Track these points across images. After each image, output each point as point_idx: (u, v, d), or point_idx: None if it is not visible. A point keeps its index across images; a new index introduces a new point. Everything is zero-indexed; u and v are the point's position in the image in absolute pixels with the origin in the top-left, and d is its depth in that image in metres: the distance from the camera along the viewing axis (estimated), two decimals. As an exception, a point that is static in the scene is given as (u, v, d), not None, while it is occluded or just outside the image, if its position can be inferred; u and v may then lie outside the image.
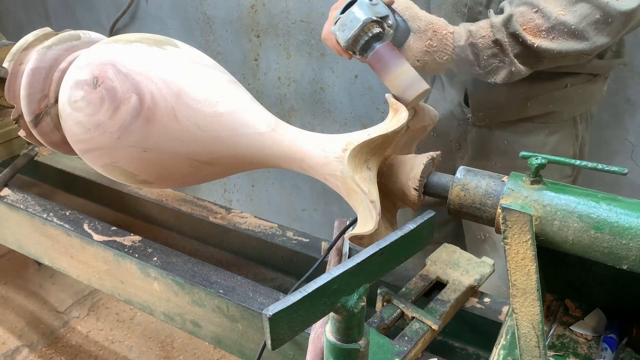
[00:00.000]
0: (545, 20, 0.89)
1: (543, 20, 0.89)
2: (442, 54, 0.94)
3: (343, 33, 0.87)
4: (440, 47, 0.93)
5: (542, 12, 0.89)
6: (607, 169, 0.62)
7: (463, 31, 0.94)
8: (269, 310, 0.48)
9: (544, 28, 0.89)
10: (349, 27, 0.85)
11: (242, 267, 1.26)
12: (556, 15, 0.88)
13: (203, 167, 0.89)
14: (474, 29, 0.94)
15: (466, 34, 0.94)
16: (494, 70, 0.94)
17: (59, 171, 1.52)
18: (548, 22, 0.89)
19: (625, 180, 1.44)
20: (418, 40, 0.92)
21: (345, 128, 1.92)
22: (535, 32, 0.90)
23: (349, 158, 0.74)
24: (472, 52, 0.93)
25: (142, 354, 2.01)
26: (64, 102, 0.90)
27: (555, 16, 0.88)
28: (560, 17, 0.88)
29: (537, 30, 0.90)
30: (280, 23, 1.86)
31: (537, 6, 0.89)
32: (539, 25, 0.89)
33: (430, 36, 0.92)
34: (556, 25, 0.89)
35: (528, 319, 0.61)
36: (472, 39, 0.93)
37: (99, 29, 1.21)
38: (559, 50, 0.90)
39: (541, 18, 0.89)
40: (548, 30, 0.89)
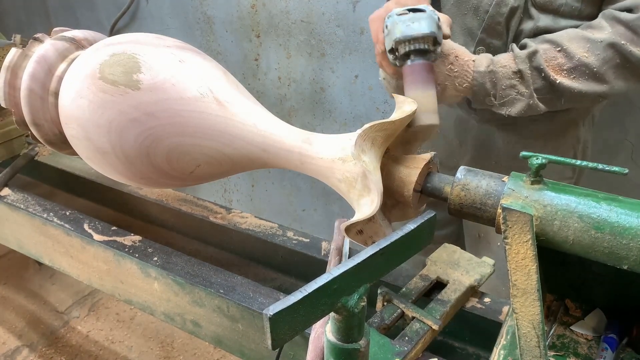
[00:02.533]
0: (568, 60, 0.91)
1: (566, 59, 0.91)
2: (462, 80, 0.95)
3: (406, 27, 0.87)
4: (460, 72, 0.95)
5: (565, 52, 0.91)
6: (607, 169, 0.62)
7: (484, 59, 0.95)
8: (269, 310, 0.48)
9: (566, 67, 0.91)
10: (414, 28, 0.86)
11: (242, 267, 1.26)
12: (580, 57, 0.90)
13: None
14: (495, 59, 0.95)
15: (487, 61, 0.95)
16: (510, 102, 0.95)
17: (59, 171, 1.52)
18: (571, 62, 0.90)
19: (625, 180, 1.44)
20: (440, 64, 0.94)
21: (345, 128, 1.92)
22: (557, 70, 0.92)
23: (357, 139, 0.73)
24: (490, 80, 0.94)
25: (142, 354, 2.01)
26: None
27: (579, 57, 0.90)
28: (583, 59, 0.90)
29: (559, 69, 0.91)
30: (280, 23, 1.86)
31: (561, 45, 0.91)
32: (562, 65, 0.91)
33: (452, 60, 0.94)
34: (578, 66, 0.90)
35: (528, 319, 0.61)
36: (492, 66, 0.94)
37: (99, 29, 1.21)
38: (579, 90, 0.91)
39: (564, 57, 0.91)
40: (570, 70, 0.91)
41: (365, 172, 0.74)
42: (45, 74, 1.00)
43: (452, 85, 0.95)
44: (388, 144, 0.80)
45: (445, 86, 0.95)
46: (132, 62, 0.87)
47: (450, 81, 0.95)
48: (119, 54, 0.89)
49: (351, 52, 1.77)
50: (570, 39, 0.92)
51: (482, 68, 0.94)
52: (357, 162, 0.72)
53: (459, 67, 0.95)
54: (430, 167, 0.81)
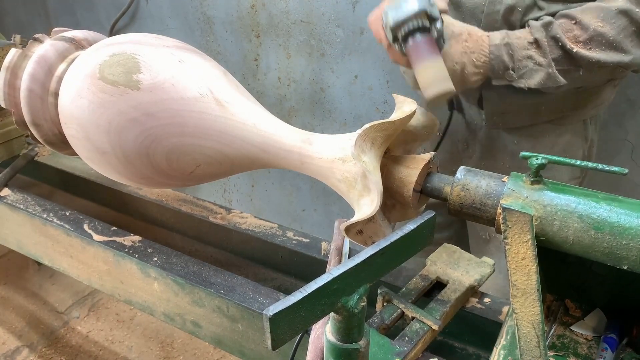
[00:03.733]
0: (583, 31, 0.90)
1: (581, 31, 0.90)
2: (479, 54, 0.95)
3: (396, 12, 0.89)
4: (476, 47, 0.95)
5: (580, 23, 0.90)
6: (607, 169, 0.62)
7: (498, 33, 0.95)
8: (269, 310, 0.48)
9: (582, 39, 0.91)
10: (403, 10, 0.88)
11: (242, 267, 1.26)
12: (594, 27, 0.89)
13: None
14: (510, 32, 0.95)
15: (502, 34, 0.95)
16: (528, 73, 0.94)
17: (59, 171, 1.52)
18: (586, 33, 0.90)
19: (625, 180, 1.44)
20: (455, 43, 0.94)
21: (345, 128, 1.92)
22: (574, 42, 0.91)
23: (357, 139, 0.73)
24: (507, 52, 0.94)
25: (142, 354, 2.01)
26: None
27: (594, 27, 0.89)
28: (598, 29, 0.89)
29: (575, 41, 0.91)
30: (280, 23, 1.86)
31: (575, 18, 0.91)
32: (578, 37, 0.91)
33: (466, 38, 0.95)
34: (594, 36, 0.90)
35: (528, 319, 0.61)
36: (507, 39, 0.94)
37: (98, 29, 1.21)
38: (597, 59, 0.91)
39: (580, 29, 0.90)
40: (586, 42, 0.90)
41: (365, 172, 0.74)
42: (45, 74, 1.00)
43: (469, 62, 0.95)
44: (388, 144, 0.80)
45: (464, 64, 0.95)
46: (131, 62, 0.87)
47: (467, 58, 0.95)
48: (118, 54, 0.89)
49: (351, 52, 1.77)
50: (584, 11, 0.91)
51: (497, 41, 0.94)
52: (357, 162, 0.72)
53: (473, 42, 0.95)
54: (430, 167, 0.81)
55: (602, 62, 0.91)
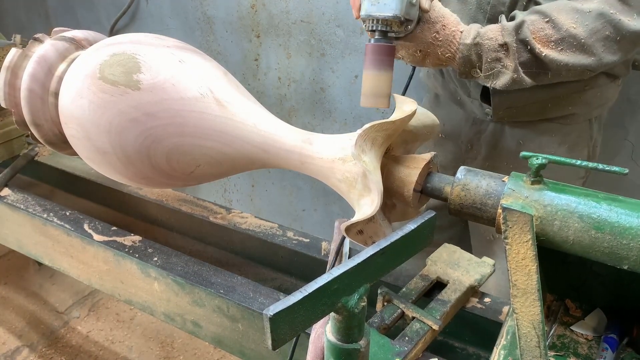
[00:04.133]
0: (555, 31, 0.89)
1: (553, 31, 0.89)
2: (445, 50, 0.94)
3: (371, 6, 0.86)
4: (445, 42, 0.93)
5: (553, 22, 0.89)
6: (607, 169, 0.62)
7: (472, 30, 0.94)
8: (269, 310, 0.48)
9: (553, 39, 0.89)
10: (379, 7, 0.85)
11: (242, 267, 1.26)
12: (567, 28, 0.88)
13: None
14: (482, 31, 0.93)
15: (474, 33, 0.93)
16: (495, 75, 0.94)
17: (59, 171, 1.52)
18: (558, 33, 0.89)
19: (625, 180, 1.44)
20: (426, 30, 0.92)
21: (345, 128, 1.92)
22: (544, 42, 0.90)
23: (357, 139, 0.73)
24: (476, 52, 0.93)
25: (142, 354, 2.01)
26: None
27: (567, 28, 0.88)
28: (571, 30, 0.88)
29: (546, 40, 0.89)
30: (280, 23, 1.86)
31: (549, 16, 0.89)
32: (549, 36, 0.89)
33: (438, 29, 0.93)
34: (566, 37, 0.88)
35: (529, 319, 0.61)
36: (479, 38, 0.92)
37: (99, 29, 1.21)
38: (565, 62, 0.89)
39: (552, 29, 0.89)
40: (557, 42, 0.89)
41: (365, 172, 0.74)
42: (45, 74, 1.00)
43: (434, 54, 0.94)
44: (388, 144, 0.80)
45: (427, 53, 0.94)
46: (132, 62, 0.87)
47: (433, 49, 0.94)
48: (119, 54, 0.89)
49: (351, 52, 1.77)
50: (559, 10, 0.90)
51: (469, 40, 0.93)
52: (357, 162, 0.72)
53: (444, 37, 0.93)
54: (430, 167, 0.81)
55: (570, 66, 0.90)
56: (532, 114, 1.13)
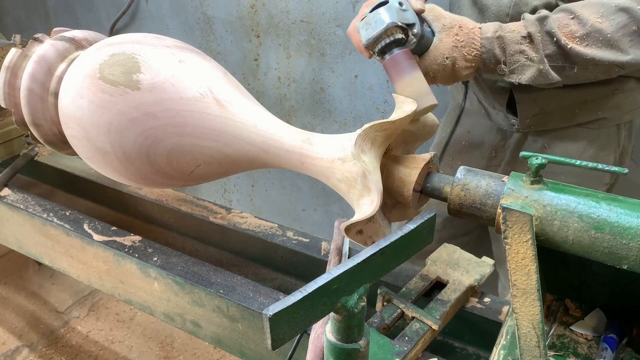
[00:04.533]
0: (580, 26, 0.87)
1: (579, 26, 0.87)
2: (470, 49, 0.92)
3: (366, 31, 0.88)
4: (467, 41, 0.92)
5: (578, 18, 0.87)
6: (607, 169, 0.62)
7: (492, 25, 0.92)
8: (269, 310, 0.48)
9: (578, 35, 0.87)
10: (373, 27, 0.87)
11: (242, 267, 1.26)
12: (592, 23, 0.86)
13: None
14: (503, 24, 0.92)
15: (495, 27, 0.92)
16: (520, 68, 0.91)
17: (59, 171, 1.52)
18: (584, 28, 0.87)
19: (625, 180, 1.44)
20: (445, 37, 0.92)
21: (345, 128, 1.92)
22: (570, 37, 0.88)
23: (357, 139, 0.73)
24: (499, 45, 0.91)
25: (142, 354, 2.01)
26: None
27: (592, 23, 0.86)
28: (596, 25, 0.86)
29: (571, 36, 0.88)
30: (280, 23, 1.86)
31: (574, 12, 0.88)
32: (574, 32, 0.87)
33: (457, 32, 0.92)
34: (592, 32, 0.87)
35: (528, 319, 0.61)
36: (500, 31, 0.91)
37: (99, 29, 1.21)
38: (592, 56, 0.87)
39: (577, 24, 0.87)
40: (582, 37, 0.87)
41: (365, 172, 0.74)
42: (45, 74, 1.00)
43: (460, 56, 0.93)
44: (388, 144, 0.80)
45: (455, 58, 0.93)
46: (131, 62, 0.87)
47: (458, 52, 0.93)
48: (118, 54, 0.89)
49: (351, 52, 1.77)
50: (584, 5, 0.88)
51: (490, 34, 0.91)
52: (357, 162, 0.72)
53: (465, 36, 0.92)
54: (430, 167, 0.81)
55: (597, 60, 0.88)
56: (560, 120, 1.10)
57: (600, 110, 1.08)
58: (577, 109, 1.08)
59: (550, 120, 1.11)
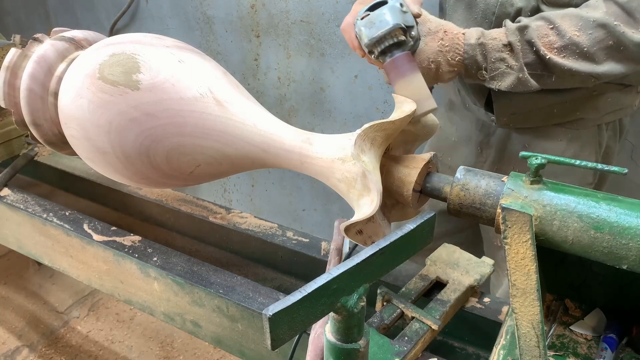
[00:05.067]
0: (559, 38, 0.89)
1: (557, 37, 0.90)
2: (454, 53, 0.94)
3: (369, 30, 0.87)
4: (451, 46, 0.94)
5: (557, 29, 0.89)
6: (606, 169, 0.62)
7: (475, 31, 0.94)
8: (268, 310, 0.48)
9: (556, 45, 0.90)
10: (377, 27, 0.86)
11: (242, 267, 1.26)
12: (570, 35, 0.89)
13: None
14: (486, 31, 0.94)
15: (478, 34, 0.94)
16: (500, 75, 0.94)
17: (59, 171, 1.52)
18: (562, 40, 0.89)
19: (625, 180, 1.44)
20: (430, 41, 0.94)
21: (345, 128, 1.92)
22: (548, 48, 0.90)
23: (357, 139, 0.73)
24: (481, 52, 0.93)
25: (142, 354, 2.01)
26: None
27: (570, 36, 0.89)
28: (574, 38, 0.89)
29: (550, 47, 0.90)
30: (280, 23, 1.86)
31: (554, 23, 0.90)
32: (553, 42, 0.90)
33: (442, 36, 0.94)
34: (569, 44, 0.89)
35: (528, 318, 0.61)
36: (482, 38, 0.93)
37: (98, 29, 1.21)
38: (569, 67, 0.90)
39: (555, 35, 0.90)
40: (560, 49, 0.90)
41: (364, 172, 0.74)
42: (45, 74, 1.00)
43: (444, 61, 0.95)
44: (388, 143, 0.80)
45: (439, 62, 0.95)
46: (131, 62, 0.87)
47: (443, 57, 0.94)
48: (118, 54, 0.89)
49: (351, 52, 1.76)
50: (563, 17, 0.90)
51: (473, 40, 0.93)
52: (357, 162, 0.72)
53: (449, 41, 0.94)
54: (429, 167, 0.81)
55: (574, 71, 0.91)
56: (538, 120, 1.12)
57: (577, 110, 1.10)
58: (555, 109, 1.10)
59: (528, 119, 1.13)
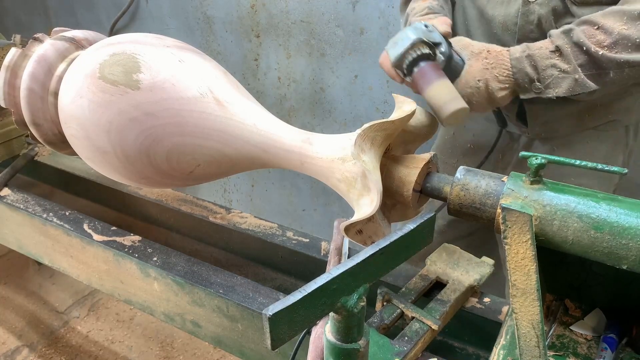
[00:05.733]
0: (607, 35, 0.88)
1: (605, 35, 0.88)
2: (501, 69, 0.94)
3: (393, 50, 0.94)
4: (497, 63, 0.94)
5: (603, 28, 0.88)
6: (606, 169, 0.62)
7: (519, 46, 0.94)
8: (268, 310, 0.48)
9: (606, 43, 0.88)
10: (400, 45, 0.93)
11: (242, 267, 1.26)
12: (619, 30, 0.87)
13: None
14: (530, 44, 0.94)
15: (522, 47, 0.94)
16: (555, 82, 0.92)
17: (59, 171, 1.52)
18: (611, 37, 0.88)
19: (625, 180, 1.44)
20: (474, 62, 0.95)
21: (345, 128, 1.92)
22: (599, 46, 0.89)
23: (357, 139, 0.73)
24: (530, 63, 0.92)
25: (142, 354, 2.01)
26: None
27: (618, 31, 0.87)
28: (623, 32, 0.87)
29: (600, 45, 0.89)
30: (280, 23, 1.86)
31: (597, 23, 0.89)
32: (601, 41, 0.89)
33: (485, 55, 0.95)
34: (619, 39, 0.88)
35: (528, 319, 0.61)
36: (528, 50, 0.93)
37: (99, 29, 1.21)
38: (626, 59, 0.88)
39: (603, 34, 0.88)
40: (611, 45, 0.88)
41: (364, 172, 0.74)
42: (45, 73, 1.00)
43: (492, 77, 0.95)
44: (388, 143, 0.80)
45: (486, 80, 0.95)
46: (132, 62, 0.87)
47: (489, 74, 0.94)
48: (118, 54, 0.89)
49: (351, 52, 1.77)
50: (605, 15, 0.89)
51: (518, 54, 0.93)
52: (357, 162, 0.72)
53: (494, 58, 0.95)
54: (430, 167, 0.81)
55: (632, 62, 0.88)
56: (570, 126, 1.11)
57: (610, 113, 1.09)
58: (587, 114, 1.08)
59: (560, 127, 1.12)
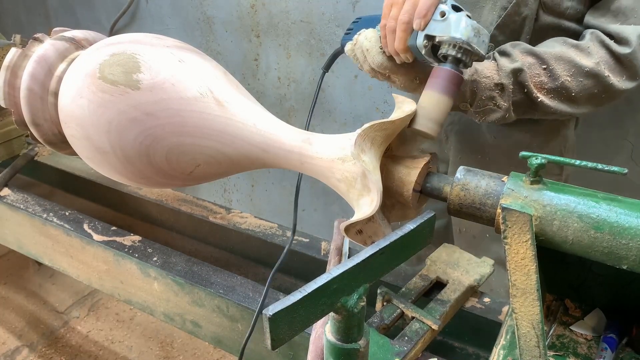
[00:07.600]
0: (551, 80, 0.91)
1: (549, 79, 0.91)
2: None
3: (437, 25, 0.79)
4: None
5: (550, 71, 0.90)
6: (607, 169, 0.62)
7: (472, 68, 0.91)
8: (268, 310, 0.48)
9: (547, 87, 0.91)
10: (451, 28, 0.78)
11: (242, 267, 1.26)
12: (563, 80, 0.90)
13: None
14: (480, 68, 0.93)
15: (472, 70, 0.92)
16: (487, 112, 0.94)
17: (59, 171, 1.53)
18: (553, 83, 0.90)
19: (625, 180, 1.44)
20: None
21: (345, 128, 1.92)
22: (539, 88, 0.91)
23: (357, 139, 0.73)
24: (471, 88, 0.92)
25: (142, 354, 2.01)
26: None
27: (562, 80, 0.90)
28: (565, 83, 0.90)
29: (540, 87, 0.91)
30: (280, 23, 1.86)
31: (547, 63, 0.90)
32: (544, 83, 0.91)
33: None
34: (559, 88, 0.91)
35: (528, 319, 0.61)
36: (476, 75, 0.92)
37: (99, 29, 1.20)
38: (555, 108, 0.92)
39: (548, 77, 0.91)
40: (550, 90, 0.91)
41: (364, 172, 0.74)
42: (45, 73, 1.00)
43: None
44: (388, 143, 0.80)
45: (423, 81, 0.92)
46: (131, 62, 0.87)
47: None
48: (118, 54, 0.89)
49: (351, 52, 1.77)
50: (557, 59, 0.91)
51: (466, 77, 0.91)
52: (357, 162, 0.72)
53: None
54: (429, 167, 0.81)
55: (558, 112, 0.93)
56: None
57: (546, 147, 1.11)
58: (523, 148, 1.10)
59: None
